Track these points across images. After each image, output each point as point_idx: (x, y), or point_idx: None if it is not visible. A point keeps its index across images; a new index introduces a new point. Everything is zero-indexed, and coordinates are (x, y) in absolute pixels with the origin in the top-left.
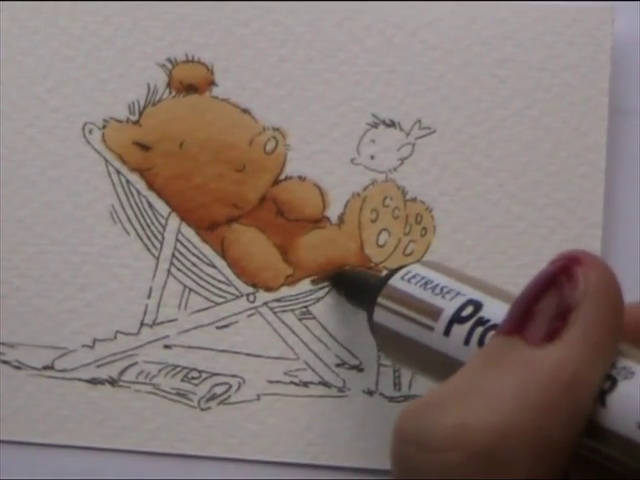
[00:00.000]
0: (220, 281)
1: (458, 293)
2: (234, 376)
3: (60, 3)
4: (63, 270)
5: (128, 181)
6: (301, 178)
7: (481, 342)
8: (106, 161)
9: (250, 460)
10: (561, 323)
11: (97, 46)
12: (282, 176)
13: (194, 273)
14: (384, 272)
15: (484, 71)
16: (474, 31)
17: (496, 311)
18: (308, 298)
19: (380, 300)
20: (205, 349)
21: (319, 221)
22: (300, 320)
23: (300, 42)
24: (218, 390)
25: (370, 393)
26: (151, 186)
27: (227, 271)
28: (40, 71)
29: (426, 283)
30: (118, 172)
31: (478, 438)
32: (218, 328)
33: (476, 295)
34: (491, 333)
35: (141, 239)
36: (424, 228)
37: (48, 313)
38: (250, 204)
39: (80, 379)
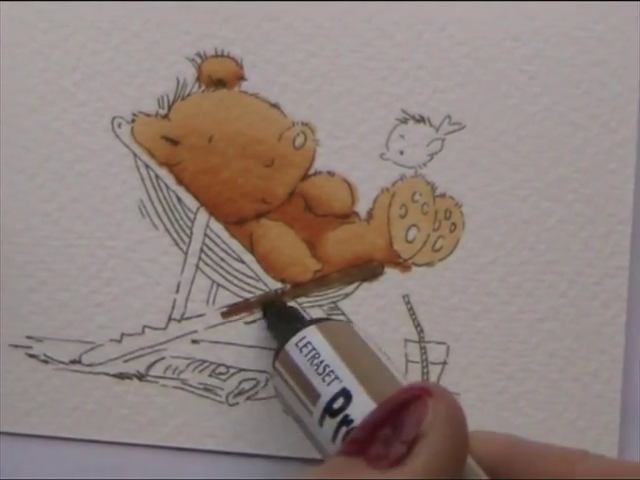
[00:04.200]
0: (248, 276)
1: (336, 378)
2: (262, 372)
3: None
4: (90, 264)
5: (157, 175)
6: (330, 173)
7: (344, 441)
8: (135, 155)
9: (277, 456)
10: (406, 450)
11: (126, 40)
12: (311, 171)
13: (222, 268)
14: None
15: (513, 67)
16: (503, 27)
17: (362, 409)
18: (336, 293)
19: (277, 365)
20: (233, 344)
21: (348, 216)
22: (328, 315)
23: (329, 37)
24: (246, 385)
25: None
26: (180, 180)
27: (255, 266)
28: (68, 64)
29: (314, 357)
30: (147, 166)
31: None
32: (246, 323)
33: (350, 383)
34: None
35: (169, 234)
36: (453, 224)
37: (75, 307)
38: (278, 199)
39: (107, 374)
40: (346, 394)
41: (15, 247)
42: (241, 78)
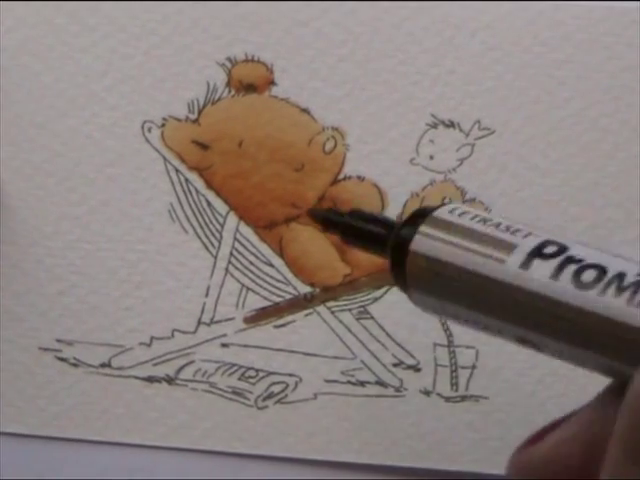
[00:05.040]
0: (278, 280)
1: (531, 233)
2: (291, 375)
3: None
4: (120, 268)
5: (187, 179)
6: (360, 178)
7: (576, 279)
8: (165, 159)
9: (306, 460)
10: None
11: (156, 44)
12: (341, 176)
13: (252, 272)
14: None
15: (543, 72)
16: (533, 32)
17: (588, 255)
18: (365, 297)
19: (424, 229)
20: (262, 348)
21: None
22: (357, 319)
23: (359, 42)
24: (275, 389)
25: (427, 393)
26: (210, 185)
27: (285, 270)
28: (99, 69)
29: (484, 220)
30: (177, 170)
31: None
32: (275, 327)
33: (556, 238)
34: (589, 271)
35: (199, 237)
36: None
37: (105, 311)
38: (309, 203)
39: (137, 377)
40: (557, 244)
41: (45, 250)
42: (271, 83)
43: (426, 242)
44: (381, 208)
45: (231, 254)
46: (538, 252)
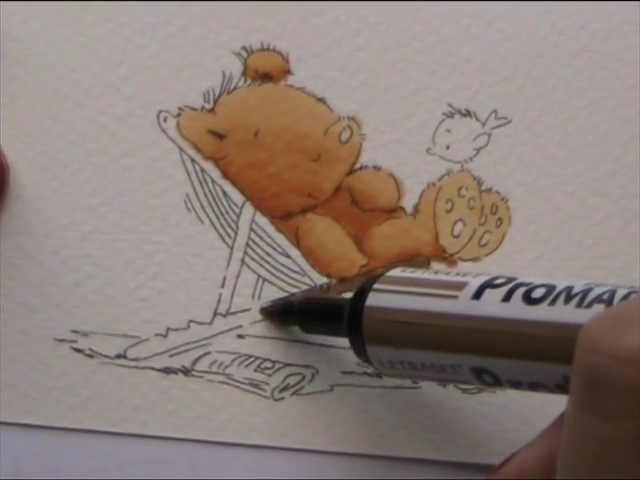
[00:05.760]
0: (294, 271)
1: (480, 274)
2: (307, 367)
3: None
4: (136, 259)
5: (202, 169)
6: (376, 168)
7: (527, 297)
8: (180, 149)
9: (322, 451)
10: None
11: (172, 34)
12: (357, 165)
13: (268, 263)
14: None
15: (560, 61)
16: (550, 21)
17: (536, 280)
18: None
19: (377, 286)
20: (279, 339)
21: (394, 211)
22: None
23: (375, 31)
24: (291, 380)
25: (444, 385)
26: (225, 175)
27: (301, 261)
28: (114, 59)
29: (435, 271)
30: (192, 160)
31: None
32: None
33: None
34: (539, 289)
35: (215, 228)
36: (499, 219)
37: (121, 302)
38: (325, 194)
39: (153, 368)
40: (507, 277)
41: (61, 241)
42: (287, 72)
43: (380, 296)
44: (397, 198)
45: (247, 245)
46: (488, 284)
